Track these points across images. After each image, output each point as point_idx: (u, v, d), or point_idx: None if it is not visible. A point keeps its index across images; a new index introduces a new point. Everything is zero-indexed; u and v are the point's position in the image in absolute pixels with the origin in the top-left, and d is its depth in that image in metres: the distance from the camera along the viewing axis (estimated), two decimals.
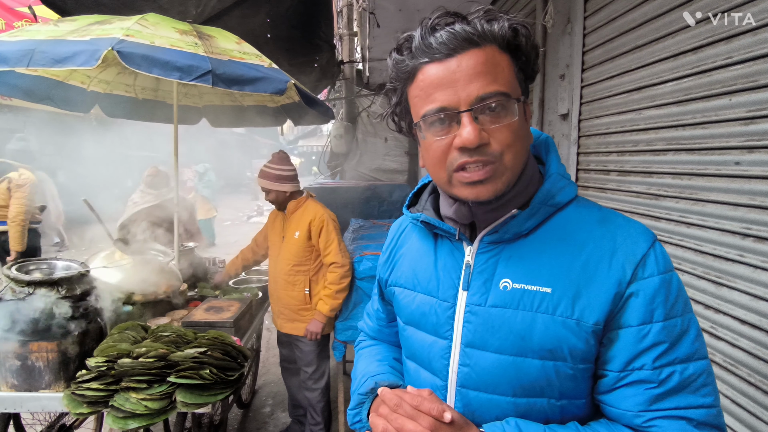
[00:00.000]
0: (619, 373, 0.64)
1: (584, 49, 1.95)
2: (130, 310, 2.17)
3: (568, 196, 0.72)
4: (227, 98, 3.50)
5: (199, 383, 1.57)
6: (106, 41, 1.79)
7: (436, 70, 0.64)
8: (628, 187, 1.63)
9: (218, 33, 2.36)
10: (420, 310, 0.78)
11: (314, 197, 2.60)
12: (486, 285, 0.70)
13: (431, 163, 0.69)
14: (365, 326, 1.05)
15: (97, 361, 1.59)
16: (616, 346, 0.64)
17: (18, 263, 1.72)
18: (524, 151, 0.68)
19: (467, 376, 0.71)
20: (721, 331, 1.20)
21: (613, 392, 0.65)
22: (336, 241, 2.41)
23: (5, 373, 1.61)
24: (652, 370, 0.62)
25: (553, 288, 0.66)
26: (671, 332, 0.62)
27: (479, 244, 0.72)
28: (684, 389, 0.62)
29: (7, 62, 1.82)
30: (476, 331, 0.70)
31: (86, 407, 1.52)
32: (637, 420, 0.63)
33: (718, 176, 1.21)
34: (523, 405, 0.68)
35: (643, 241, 0.66)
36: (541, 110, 2.46)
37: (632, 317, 0.63)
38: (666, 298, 0.63)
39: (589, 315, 0.64)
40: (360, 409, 0.81)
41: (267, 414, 3.03)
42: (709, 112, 1.24)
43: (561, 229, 0.70)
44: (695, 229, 1.30)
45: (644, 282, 0.64)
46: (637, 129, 1.57)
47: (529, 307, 0.67)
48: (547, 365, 0.66)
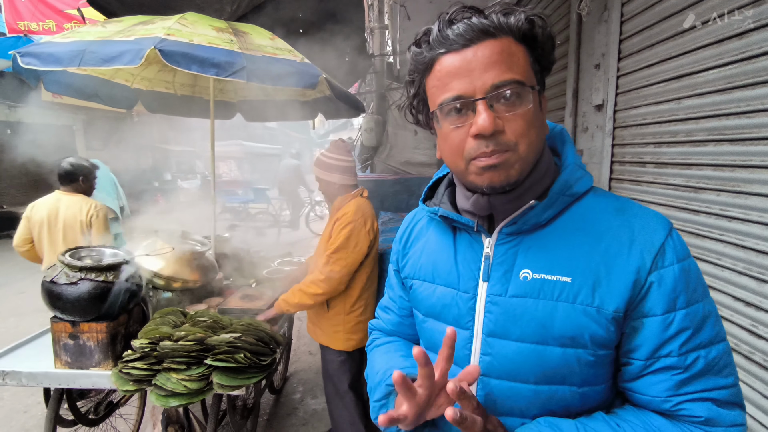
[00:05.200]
0: (645, 361, 0.65)
1: (621, 37, 1.88)
2: (169, 297, 2.29)
3: (585, 186, 0.72)
4: (261, 93, 3.59)
5: (234, 366, 1.64)
6: (149, 41, 1.88)
7: (453, 60, 0.65)
8: (665, 180, 1.57)
9: (252, 30, 2.43)
10: (441, 302, 0.79)
11: (365, 196, 2.31)
12: (506, 276, 0.71)
13: (449, 152, 0.70)
14: (381, 322, 1.01)
15: (141, 342, 1.69)
16: (641, 335, 0.65)
17: (71, 251, 1.85)
18: (538, 141, 0.68)
19: (489, 365, 0.72)
20: (762, 329, 1.16)
21: (640, 379, 0.66)
22: (335, 247, 2.06)
23: (60, 351, 1.74)
24: (679, 356, 0.63)
25: (573, 277, 0.67)
26: (694, 318, 0.64)
27: (498, 236, 0.73)
28: (708, 372, 0.63)
29: (60, 62, 1.94)
30: (497, 320, 0.71)
31: (132, 385, 1.63)
32: (665, 405, 0.64)
33: (763, 168, 1.16)
34: (545, 392, 0.69)
35: (661, 229, 0.67)
36: (575, 101, 2.40)
37: (656, 306, 0.64)
38: (687, 284, 0.64)
39: (609, 302, 0.65)
40: (387, 401, 0.80)
41: (297, 400, 3.12)
42: (755, 100, 1.18)
43: (579, 219, 0.70)
44: (737, 223, 1.24)
45: (665, 270, 0.64)
46: (676, 119, 1.51)
47: (550, 296, 0.68)
48: (568, 352, 0.67)
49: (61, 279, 1.68)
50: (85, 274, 1.69)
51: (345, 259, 2.07)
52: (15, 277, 6.13)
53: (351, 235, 2.08)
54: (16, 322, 4.49)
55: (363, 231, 2.13)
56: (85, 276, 1.69)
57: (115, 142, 11.38)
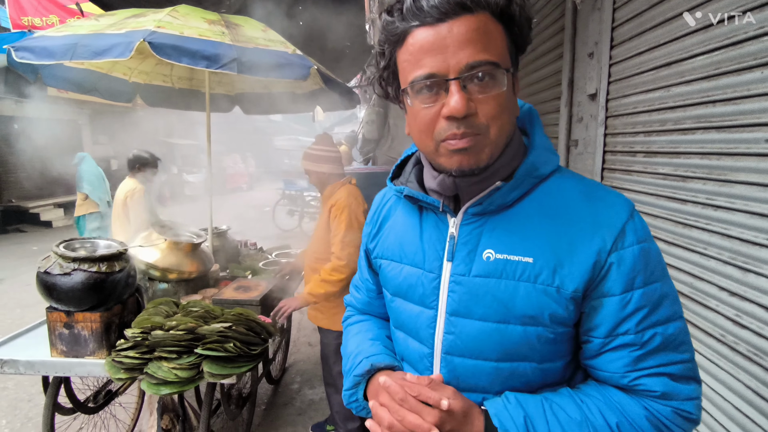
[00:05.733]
0: (604, 339, 0.67)
1: (613, 25, 1.85)
2: (165, 288, 2.32)
3: (551, 167, 0.72)
4: (258, 86, 3.60)
5: (224, 355, 1.66)
6: (139, 33, 1.89)
7: (426, 34, 0.62)
8: (654, 169, 1.56)
9: (245, 21, 2.43)
10: (407, 281, 0.79)
11: (354, 183, 2.42)
12: (470, 256, 0.72)
13: (418, 131, 0.68)
14: (353, 300, 1.04)
15: (134, 332, 1.72)
16: (600, 315, 0.67)
17: (65, 242, 1.88)
18: (510, 124, 0.67)
19: (452, 344, 0.73)
20: (746, 319, 1.15)
21: (600, 357, 0.68)
22: (342, 233, 2.18)
23: (55, 340, 1.77)
24: (636, 333, 0.65)
25: (534, 258, 0.67)
26: (651, 297, 0.65)
27: (463, 216, 0.73)
28: (666, 348, 0.65)
29: (53, 56, 1.96)
30: (461, 300, 0.72)
31: (124, 373, 1.66)
32: (623, 380, 0.67)
33: (748, 155, 1.14)
34: (507, 369, 0.71)
35: (623, 211, 0.67)
36: (570, 91, 2.37)
37: (615, 286, 0.65)
38: (645, 265, 0.65)
39: (570, 283, 0.66)
40: (355, 390, 0.83)
41: (295, 390, 3.16)
42: (740, 86, 1.16)
43: (544, 200, 0.71)
44: (722, 212, 1.23)
45: (625, 251, 0.65)
46: (666, 107, 1.49)
47: (512, 276, 0.68)
48: (528, 330, 0.68)
49: (55, 270, 1.71)
50: (78, 264, 1.72)
51: (356, 239, 2.19)
52: (21, 270, 6.23)
53: (351, 217, 2.21)
54: (21, 313, 4.57)
55: (359, 211, 2.27)
56: (78, 267, 1.72)
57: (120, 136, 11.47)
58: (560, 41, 2.46)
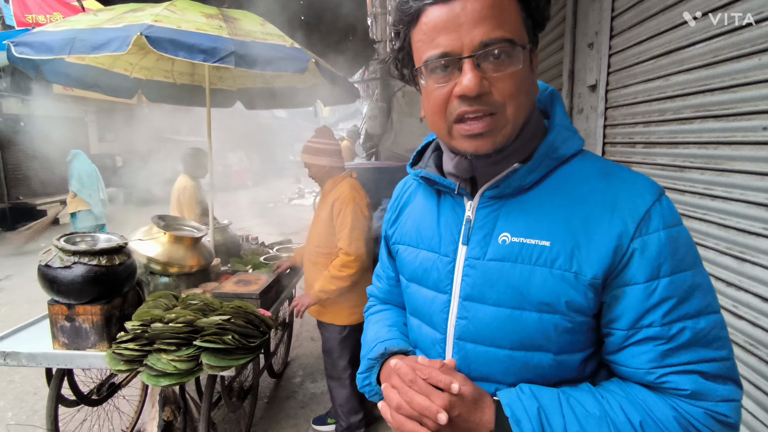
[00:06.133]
0: (627, 331, 0.63)
1: (613, 14, 1.83)
2: (167, 281, 2.34)
3: (572, 149, 0.69)
4: (259, 81, 3.60)
5: (222, 348, 1.67)
6: (137, 27, 1.89)
7: (440, 12, 0.61)
8: (653, 160, 1.54)
9: (243, 15, 2.43)
10: (422, 266, 0.78)
11: (354, 177, 2.40)
12: (485, 239, 0.70)
13: (431, 113, 0.67)
14: (375, 289, 1.04)
15: (134, 324, 1.73)
16: (622, 304, 0.62)
17: (66, 236, 1.89)
18: (528, 103, 0.65)
19: (465, 329, 0.71)
20: (743, 309, 1.13)
21: (623, 351, 0.64)
22: (349, 227, 2.17)
23: (57, 333, 1.80)
24: (661, 326, 0.60)
25: (552, 241, 0.65)
26: (680, 287, 0.60)
27: (480, 199, 0.72)
28: (696, 344, 0.60)
29: (52, 51, 1.97)
30: (474, 284, 0.70)
31: (124, 365, 1.67)
32: (649, 377, 0.62)
33: (745, 144, 1.13)
34: (520, 359, 0.67)
35: (648, 194, 0.63)
36: (571, 82, 2.35)
37: (638, 274, 0.61)
38: (673, 252, 0.60)
39: (588, 269, 0.63)
40: (369, 374, 0.83)
41: (297, 384, 3.18)
42: (739, 74, 1.14)
43: (563, 183, 0.68)
44: (720, 201, 1.21)
45: (649, 237, 0.61)
46: (664, 97, 1.47)
47: (528, 261, 0.66)
48: (544, 318, 0.65)
49: (56, 263, 1.73)
50: (78, 258, 1.73)
51: (363, 233, 2.21)
52: (29, 266, 6.30)
53: (356, 212, 2.20)
54: (29, 308, 4.64)
55: (363, 204, 2.27)
56: (78, 260, 1.73)
57: (126, 133, 11.55)
58: (561, 32, 2.44)
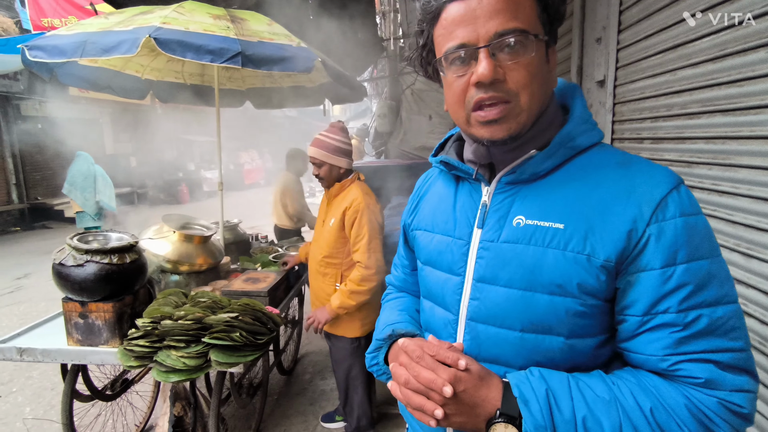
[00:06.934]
0: (642, 317, 0.62)
1: (621, 8, 1.81)
2: (177, 279, 2.38)
3: (591, 140, 0.70)
4: (268, 80, 3.63)
5: (230, 345, 1.70)
6: (145, 29, 1.93)
7: (458, 7, 0.65)
8: (660, 155, 1.52)
9: (251, 16, 2.45)
10: (437, 249, 0.80)
11: (362, 180, 2.28)
12: (500, 222, 0.72)
13: (451, 102, 0.71)
14: (392, 278, 1.06)
15: (144, 321, 1.77)
16: (636, 290, 0.62)
17: (79, 234, 1.94)
18: (542, 92, 0.67)
19: (477, 310, 0.72)
20: (751, 307, 1.12)
21: (637, 338, 0.64)
22: (366, 238, 2.06)
23: (71, 329, 1.84)
24: (677, 313, 0.60)
25: (565, 224, 0.66)
26: (697, 274, 0.60)
27: (497, 185, 0.74)
28: (712, 333, 0.59)
29: (64, 54, 2.02)
30: (488, 266, 0.71)
31: (135, 361, 1.71)
32: (662, 364, 0.61)
33: (752, 138, 1.11)
34: (531, 341, 0.68)
35: (665, 183, 0.63)
36: (580, 78, 2.32)
37: (654, 260, 0.61)
38: (690, 239, 0.60)
39: (600, 250, 0.63)
40: (377, 354, 0.86)
41: (307, 381, 3.21)
42: (745, 67, 1.12)
43: (580, 170, 0.69)
44: (727, 197, 1.20)
45: (666, 223, 0.61)
46: (672, 92, 1.45)
47: (541, 243, 0.67)
48: (556, 301, 0.65)
49: (69, 261, 1.77)
50: (90, 256, 1.78)
51: (380, 243, 2.12)
52: (46, 264, 6.44)
53: (372, 221, 2.09)
54: (46, 306, 4.75)
55: (377, 211, 2.16)
56: (90, 258, 1.77)
57: (140, 133, 11.74)
58: (569, 27, 2.41)
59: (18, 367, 3.42)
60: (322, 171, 2.21)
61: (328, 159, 2.16)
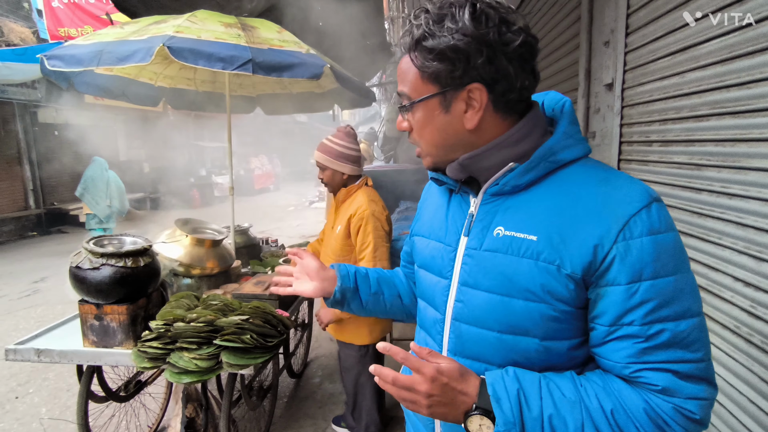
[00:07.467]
0: (609, 327, 0.67)
1: (628, 11, 1.81)
2: (189, 283, 2.42)
3: (573, 155, 0.74)
4: (278, 87, 3.68)
5: (241, 347, 1.72)
6: (159, 39, 1.98)
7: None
8: (669, 158, 1.51)
9: (261, 24, 2.50)
10: (431, 254, 0.88)
11: (370, 186, 2.26)
12: (483, 232, 0.77)
13: None
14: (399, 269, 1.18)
15: (157, 324, 1.80)
16: (604, 302, 0.67)
17: (94, 239, 1.99)
18: (442, 138, 0.77)
19: (460, 311, 0.79)
20: (761, 310, 1.11)
21: (604, 345, 0.68)
22: (372, 246, 2.04)
23: (87, 331, 1.89)
24: (641, 326, 0.64)
25: (539, 236, 0.70)
26: (662, 290, 0.64)
27: (483, 197, 0.80)
28: (674, 345, 0.64)
29: (81, 63, 2.08)
30: (471, 271, 0.77)
31: (148, 362, 1.75)
32: (625, 371, 0.66)
33: (762, 141, 1.10)
34: (509, 341, 0.73)
35: (637, 201, 0.66)
36: (588, 81, 2.32)
37: (620, 276, 0.65)
38: (656, 257, 0.64)
39: (568, 263, 0.67)
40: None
41: (316, 384, 3.22)
42: (754, 69, 1.12)
43: (560, 185, 0.73)
44: (737, 200, 1.19)
45: (633, 242, 0.64)
46: (680, 94, 1.45)
47: (516, 252, 0.72)
48: (530, 306, 0.70)
49: (85, 264, 1.81)
50: (106, 260, 1.82)
51: (386, 251, 2.11)
52: (63, 268, 6.56)
53: (378, 228, 2.07)
54: (63, 309, 4.85)
55: (383, 218, 2.13)
56: (106, 262, 1.81)
57: (153, 140, 11.93)
58: (576, 31, 2.41)
59: (35, 369, 3.49)
60: (325, 175, 2.21)
61: (331, 164, 2.16)
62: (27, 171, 9.82)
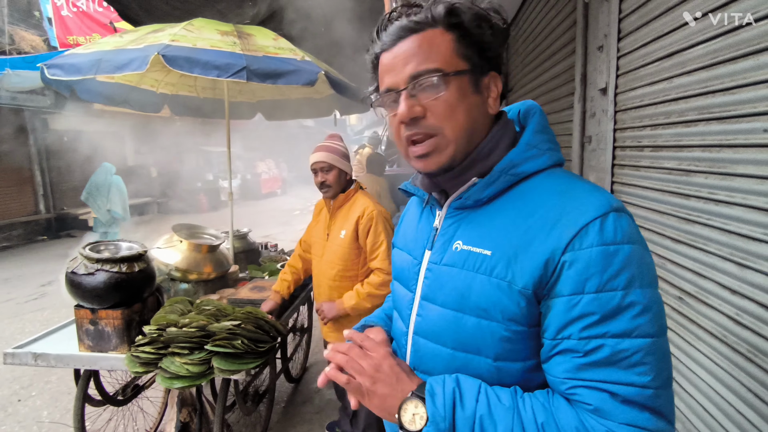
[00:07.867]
0: (552, 341, 0.65)
1: (621, 16, 1.80)
2: (186, 288, 2.44)
3: (536, 166, 0.73)
4: (277, 93, 3.71)
5: (232, 352, 1.74)
6: (155, 47, 2.01)
7: (386, 57, 0.74)
8: (660, 164, 1.50)
9: (258, 31, 2.52)
10: (401, 266, 0.89)
11: (365, 189, 2.28)
12: (444, 246, 0.77)
13: (395, 139, 0.79)
14: None
15: (151, 328, 1.82)
16: (550, 315, 0.65)
17: (91, 244, 2.02)
18: (471, 122, 0.72)
19: (419, 325, 0.79)
20: (746, 318, 1.09)
21: (549, 360, 0.66)
22: (385, 245, 2.04)
23: (82, 336, 1.91)
24: (579, 340, 0.62)
25: (493, 251, 0.69)
26: (605, 305, 0.60)
27: (447, 210, 0.79)
28: (613, 364, 0.60)
29: (80, 71, 2.12)
30: (430, 285, 0.78)
31: (141, 367, 1.76)
32: (561, 386, 0.64)
33: (747, 146, 1.09)
34: (461, 359, 0.72)
35: (592, 210, 0.64)
36: (583, 86, 2.31)
37: (564, 287, 0.63)
38: (604, 269, 0.61)
39: (520, 279, 0.66)
40: None
41: (314, 390, 3.22)
42: (737, 75, 1.11)
43: (519, 198, 0.72)
44: (723, 206, 1.17)
45: (582, 252, 0.62)
46: (669, 99, 1.44)
47: (471, 267, 0.71)
48: (482, 324, 0.69)
49: (81, 270, 1.84)
50: (101, 265, 1.84)
51: None
52: None
53: (387, 228, 2.10)
54: (68, 313, 4.87)
55: (388, 216, 2.17)
56: (101, 267, 1.84)
57: (160, 145, 12.07)
58: (572, 36, 2.41)
59: (37, 372, 3.53)
60: (330, 176, 2.12)
61: (338, 163, 2.12)
62: (37, 176, 9.99)
